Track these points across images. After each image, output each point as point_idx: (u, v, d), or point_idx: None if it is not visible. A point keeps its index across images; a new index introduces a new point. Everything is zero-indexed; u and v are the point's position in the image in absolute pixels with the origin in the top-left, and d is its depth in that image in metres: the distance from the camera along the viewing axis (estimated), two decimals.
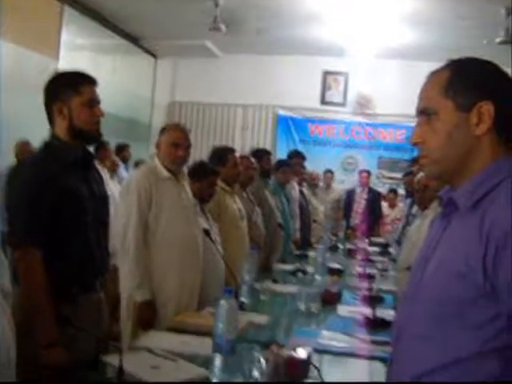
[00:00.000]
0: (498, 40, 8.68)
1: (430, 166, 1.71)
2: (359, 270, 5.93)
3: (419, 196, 4.81)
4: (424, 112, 1.69)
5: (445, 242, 1.63)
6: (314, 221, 8.86)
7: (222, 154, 5.28)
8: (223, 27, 9.34)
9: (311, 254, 6.75)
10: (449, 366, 1.53)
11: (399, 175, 10.55)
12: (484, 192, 1.57)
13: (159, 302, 3.92)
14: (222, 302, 2.56)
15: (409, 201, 7.80)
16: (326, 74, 12.73)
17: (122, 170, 9.35)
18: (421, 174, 4.61)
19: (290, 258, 6.68)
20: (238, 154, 5.45)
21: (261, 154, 6.57)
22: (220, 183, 4.94)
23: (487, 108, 1.60)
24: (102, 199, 3.13)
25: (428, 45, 10.27)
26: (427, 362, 1.57)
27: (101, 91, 3.05)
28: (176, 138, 4.11)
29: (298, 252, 7.00)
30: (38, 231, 2.75)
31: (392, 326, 1.82)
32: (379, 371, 2.79)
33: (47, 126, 3.03)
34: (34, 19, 8.33)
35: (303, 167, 8.54)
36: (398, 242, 7.57)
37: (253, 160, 5.88)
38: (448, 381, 1.53)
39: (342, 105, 12.75)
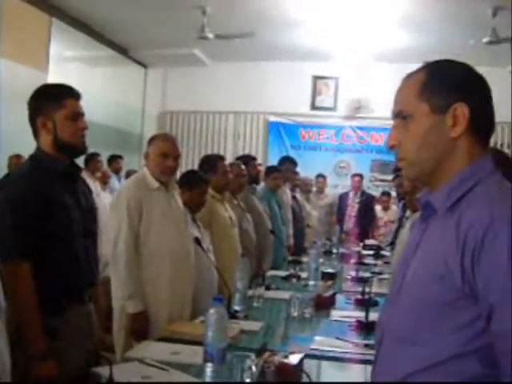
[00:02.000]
0: (484, 40, 8.69)
1: (406, 168, 1.70)
2: (353, 273, 5.94)
3: (408, 198, 4.82)
4: (399, 115, 1.69)
5: (424, 244, 1.63)
6: (308, 226, 8.89)
7: (211, 162, 5.30)
8: (211, 35, 9.35)
9: (305, 259, 6.76)
10: (430, 368, 1.52)
11: (391, 177, 10.57)
12: (460, 194, 1.57)
13: (151, 312, 3.91)
14: (211, 311, 2.56)
15: (402, 203, 7.82)
16: (316, 78, 12.73)
17: (114, 181, 9.37)
18: None
19: (283, 264, 6.70)
20: (227, 162, 5.46)
21: (246, 160, 6.59)
22: (210, 191, 4.95)
23: (462, 110, 1.60)
24: (90, 211, 3.13)
25: (420, 47, 10.24)
26: (409, 364, 1.57)
27: (91, 103, 3.06)
28: (164, 149, 4.08)
29: (291, 258, 7.00)
30: (25, 243, 2.75)
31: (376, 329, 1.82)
32: None
33: None
34: (21, 32, 8.33)
35: (294, 173, 8.55)
36: (392, 245, 7.58)
37: (243, 167, 5.89)
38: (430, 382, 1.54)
39: (333, 109, 12.75)
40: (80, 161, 3.21)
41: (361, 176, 11.39)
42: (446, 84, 1.64)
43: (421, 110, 1.64)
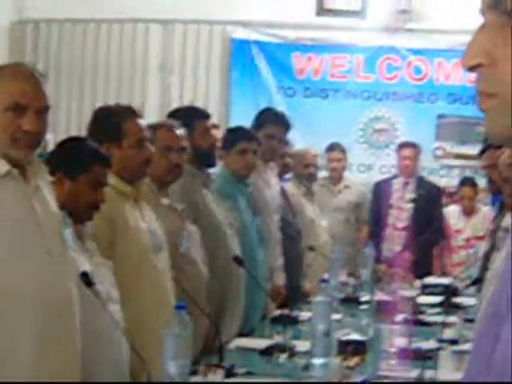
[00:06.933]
0: None
1: (499, 113, 1.63)
2: (401, 342, 5.97)
3: (509, 190, 4.78)
4: (499, 8, 1.62)
5: None
6: (310, 249, 8.87)
7: (111, 122, 5.28)
8: None
9: (304, 314, 6.80)
10: None
11: (478, 151, 10.53)
12: None
13: None
14: None
15: (498, 201, 7.85)
16: None
17: None
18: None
19: (261, 326, 6.72)
20: (143, 121, 5.43)
21: (190, 116, 6.60)
22: (112, 180, 4.92)
23: None
24: None
25: None
26: None
27: None
28: (18, 95, 4.08)
29: (278, 312, 7.03)
30: None
31: None
32: None
33: None
34: None
35: (285, 143, 8.55)
36: (479, 284, 7.58)
37: (180, 132, 5.88)
38: None
39: (360, 15, 12.76)
40: None
41: (416, 147, 11.38)
42: None
43: None
